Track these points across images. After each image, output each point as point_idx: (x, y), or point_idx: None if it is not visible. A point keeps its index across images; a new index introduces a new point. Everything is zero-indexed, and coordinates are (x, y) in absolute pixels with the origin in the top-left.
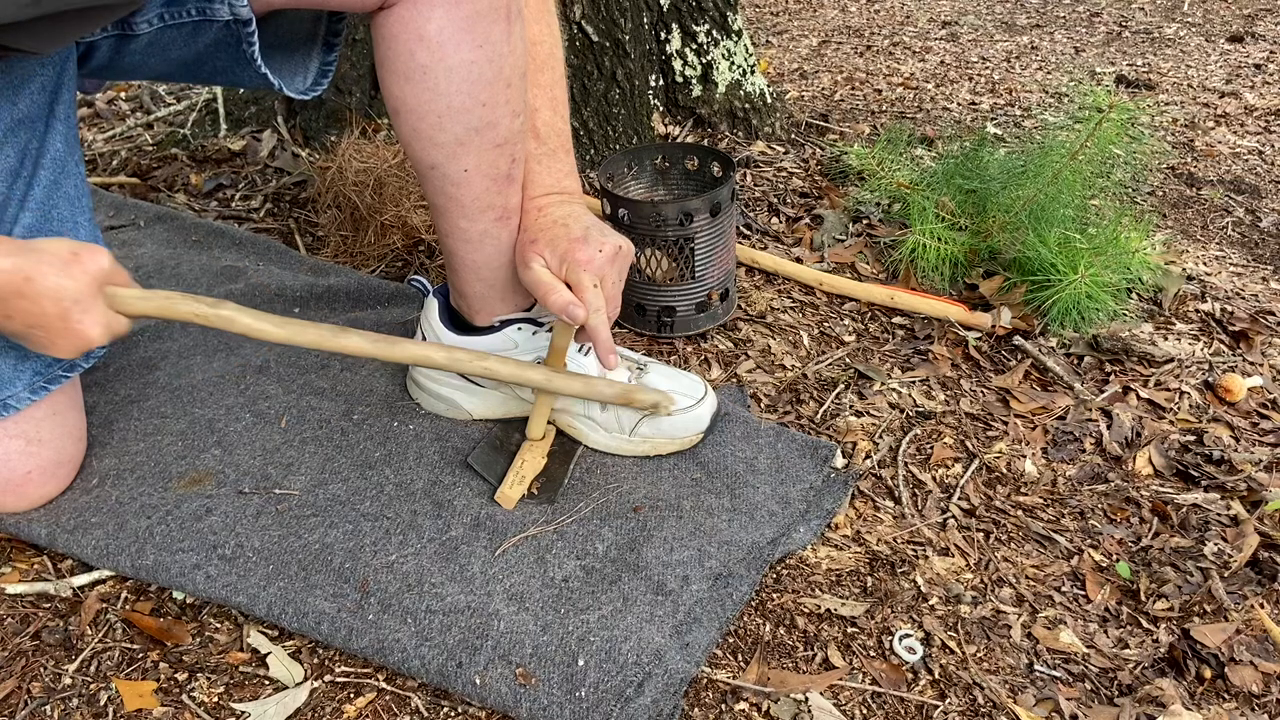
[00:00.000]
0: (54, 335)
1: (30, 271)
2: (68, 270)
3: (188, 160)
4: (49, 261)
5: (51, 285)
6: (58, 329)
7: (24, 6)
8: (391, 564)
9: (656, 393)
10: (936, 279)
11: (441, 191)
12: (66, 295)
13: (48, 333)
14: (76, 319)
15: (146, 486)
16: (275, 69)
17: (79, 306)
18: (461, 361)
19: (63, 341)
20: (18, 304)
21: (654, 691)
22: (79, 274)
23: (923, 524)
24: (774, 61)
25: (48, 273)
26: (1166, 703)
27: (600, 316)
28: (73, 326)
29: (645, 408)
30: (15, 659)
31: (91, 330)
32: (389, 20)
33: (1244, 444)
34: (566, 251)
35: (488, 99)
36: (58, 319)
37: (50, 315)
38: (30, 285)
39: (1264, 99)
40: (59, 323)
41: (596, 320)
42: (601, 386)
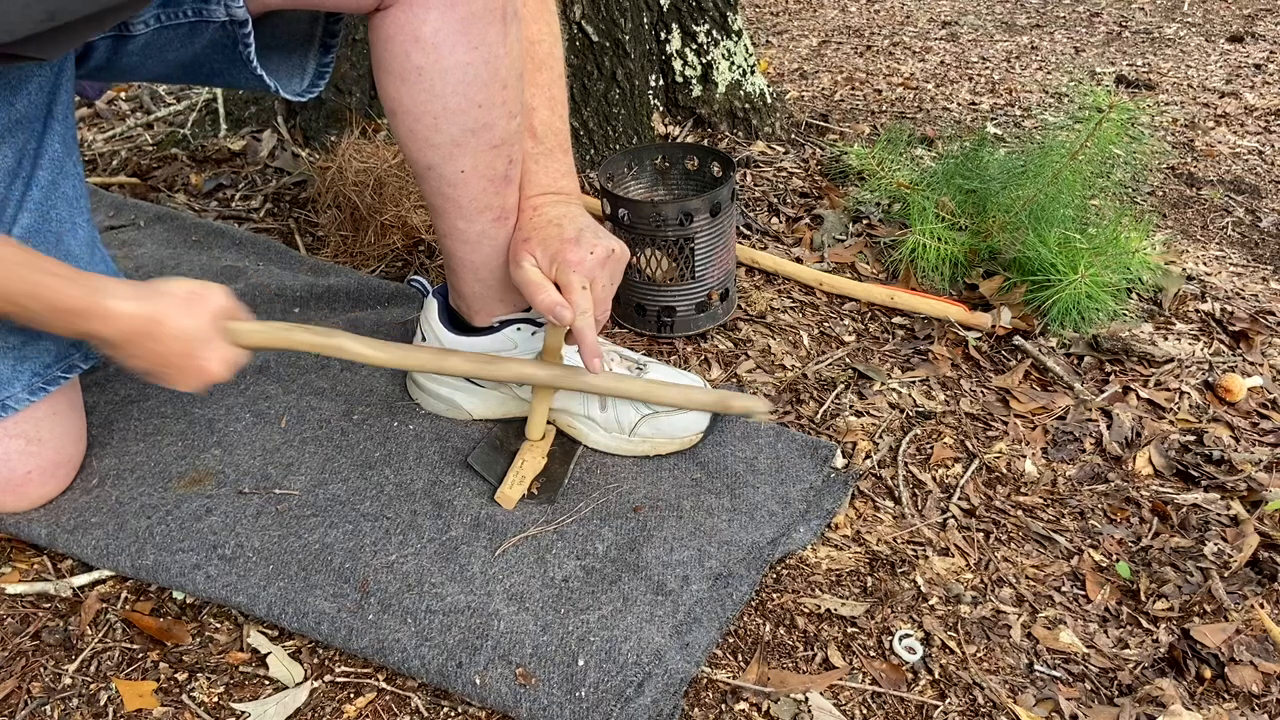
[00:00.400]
0: (179, 372)
1: (157, 315)
2: (191, 310)
3: (188, 160)
4: (173, 304)
5: (177, 327)
6: (183, 367)
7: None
8: (391, 564)
9: (751, 399)
10: (936, 279)
11: (439, 192)
12: (190, 335)
13: (173, 369)
14: (200, 356)
15: (146, 486)
16: (272, 70)
17: (203, 345)
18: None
19: (187, 377)
20: (147, 346)
21: (654, 691)
22: (201, 313)
23: (923, 524)
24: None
25: (172, 315)
26: (1166, 703)
27: (587, 319)
28: (197, 364)
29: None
30: (15, 659)
31: (214, 366)
32: (385, 22)
33: (1244, 444)
34: (558, 252)
35: (484, 100)
36: (184, 358)
37: (176, 354)
38: (159, 328)
39: (1264, 99)
40: (185, 361)
41: (583, 322)
42: (697, 395)
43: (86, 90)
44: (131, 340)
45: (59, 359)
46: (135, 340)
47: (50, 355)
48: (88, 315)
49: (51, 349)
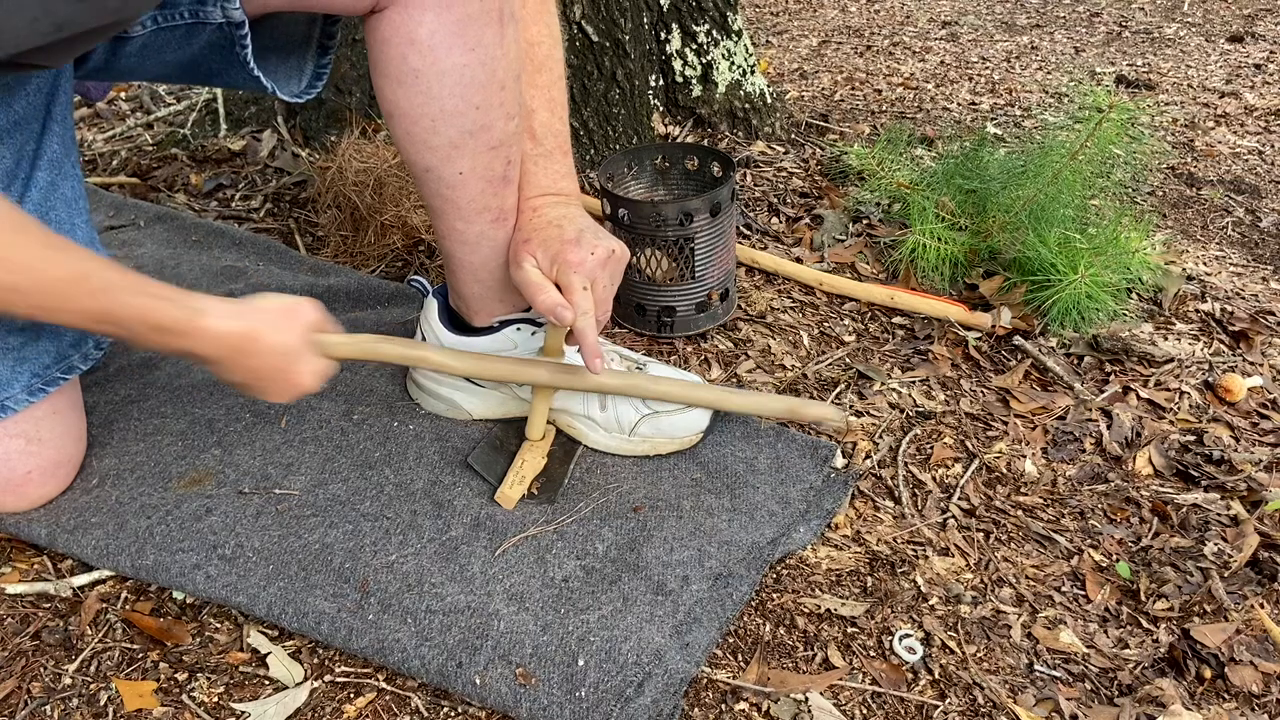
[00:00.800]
0: (273, 385)
1: (253, 331)
2: (284, 325)
3: (188, 160)
4: (267, 319)
5: (272, 342)
6: (277, 380)
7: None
8: (391, 564)
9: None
10: (936, 279)
11: (437, 194)
12: (286, 349)
13: (268, 382)
14: (293, 369)
15: (146, 486)
16: (269, 72)
17: (296, 358)
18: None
19: (281, 390)
20: (243, 361)
21: (654, 691)
22: (294, 327)
23: (923, 524)
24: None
25: (267, 330)
26: (1166, 703)
27: (588, 320)
28: (290, 377)
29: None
30: (15, 659)
31: (306, 379)
32: (381, 24)
33: (1244, 444)
34: (558, 253)
35: (481, 102)
36: (278, 371)
37: (271, 369)
38: (255, 343)
39: (1264, 99)
40: (279, 374)
41: (584, 323)
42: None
43: (90, 91)
44: (229, 356)
45: (58, 360)
46: (232, 356)
47: (49, 356)
48: (189, 335)
49: (50, 350)
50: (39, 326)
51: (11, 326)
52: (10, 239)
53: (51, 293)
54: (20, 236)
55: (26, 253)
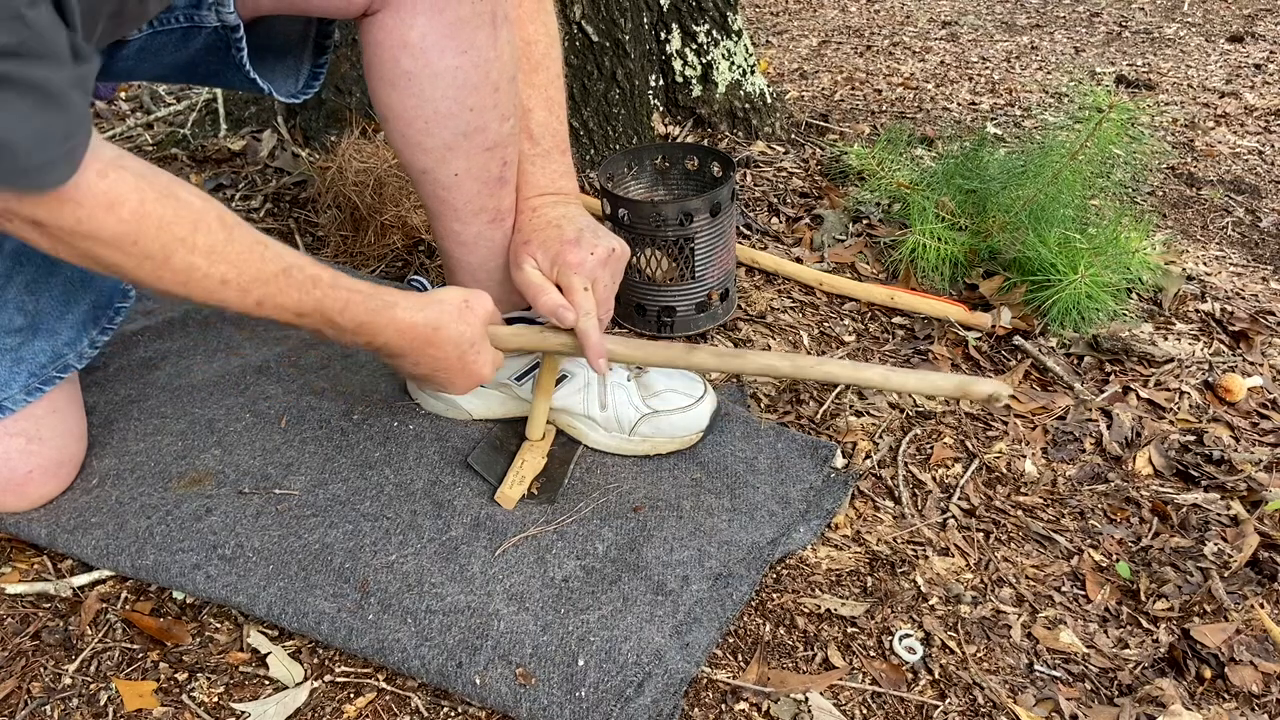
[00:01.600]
0: (454, 375)
1: (437, 322)
2: (464, 317)
3: (188, 160)
4: (449, 312)
5: (454, 333)
6: (457, 369)
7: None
8: (391, 564)
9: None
10: (936, 279)
11: (433, 195)
12: (465, 340)
13: (448, 373)
14: (472, 360)
15: (146, 486)
16: (266, 73)
17: (474, 349)
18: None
19: (461, 380)
20: (427, 352)
21: (654, 691)
22: (472, 319)
23: (923, 524)
24: (774, 61)
25: (449, 322)
26: (1166, 703)
27: (590, 320)
28: (469, 367)
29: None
30: (15, 659)
31: (485, 369)
32: (373, 27)
33: (1244, 444)
34: (558, 253)
35: (475, 104)
36: (458, 361)
37: (452, 359)
38: (438, 334)
39: (1264, 99)
40: (458, 364)
41: (586, 323)
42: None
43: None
44: (415, 348)
45: (54, 359)
46: (418, 347)
47: (45, 356)
48: (384, 327)
49: (46, 350)
50: (34, 326)
51: (8, 327)
52: (224, 235)
53: (263, 285)
54: (232, 232)
55: (239, 247)
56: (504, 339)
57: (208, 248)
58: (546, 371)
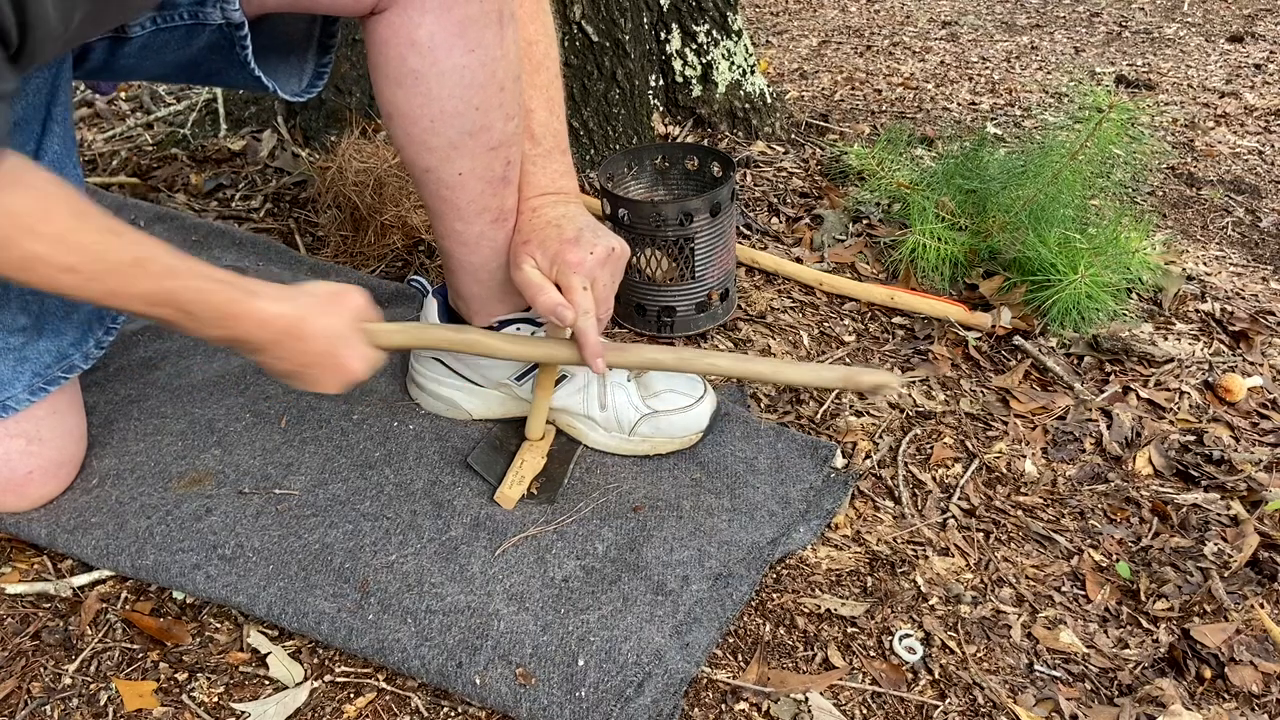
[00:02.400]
0: (321, 372)
1: (301, 314)
2: (331, 310)
3: (188, 160)
4: (315, 304)
5: (320, 326)
6: (325, 366)
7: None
8: (391, 564)
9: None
10: (936, 279)
11: (436, 195)
12: (333, 334)
13: (316, 370)
14: (342, 355)
15: (146, 486)
16: (270, 71)
17: (344, 344)
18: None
19: (329, 377)
20: (292, 346)
21: (654, 691)
22: (341, 313)
23: (923, 524)
24: (774, 61)
25: (316, 315)
26: (1166, 703)
27: (589, 319)
28: (339, 363)
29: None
30: (15, 659)
31: (354, 365)
32: (380, 25)
33: (1244, 444)
34: (557, 253)
35: (481, 103)
36: (326, 356)
37: (319, 354)
38: (302, 327)
39: (1264, 99)
40: (327, 360)
41: (585, 323)
42: (824, 372)
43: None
44: (278, 341)
45: (59, 359)
46: (281, 341)
47: (50, 356)
48: (243, 318)
49: (51, 349)
50: (39, 326)
51: (12, 326)
52: (72, 223)
53: (112, 275)
54: (82, 221)
55: (87, 235)
56: (381, 336)
57: (54, 237)
58: (546, 371)
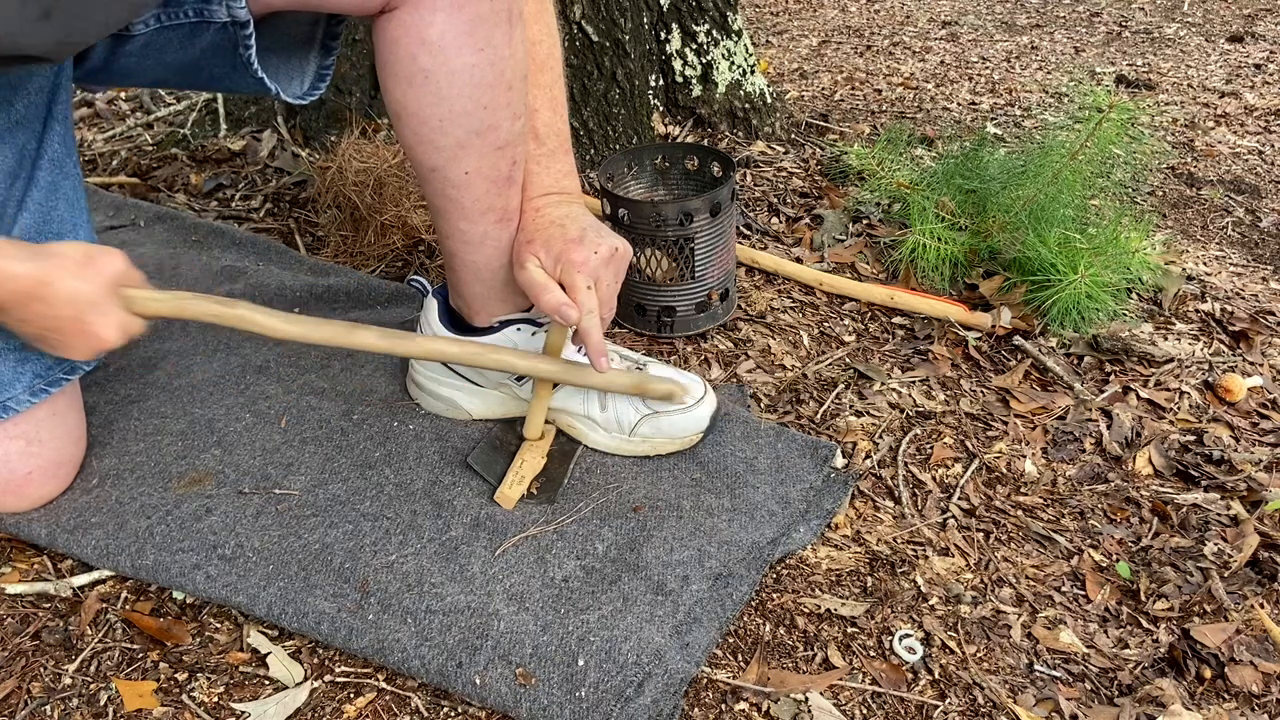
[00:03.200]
0: (69, 338)
1: (46, 276)
2: (82, 273)
3: (188, 160)
4: (64, 265)
5: (68, 289)
6: (73, 331)
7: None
8: (391, 564)
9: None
10: (936, 279)
11: (442, 194)
12: (82, 298)
13: (63, 335)
14: (92, 321)
15: (146, 486)
16: (272, 73)
17: (94, 309)
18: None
19: (78, 343)
20: (35, 308)
21: (654, 691)
22: (93, 277)
23: (923, 524)
24: (774, 61)
25: (63, 277)
26: (1166, 703)
27: (593, 319)
28: (88, 329)
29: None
30: (15, 659)
31: (106, 332)
32: (390, 24)
33: (1244, 444)
34: (561, 252)
35: (489, 102)
36: (74, 322)
37: (66, 318)
38: (47, 289)
39: (1264, 99)
40: (75, 325)
41: (589, 322)
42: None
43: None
44: (19, 303)
45: (60, 360)
46: (22, 303)
47: (51, 357)
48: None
49: None
50: None
51: None
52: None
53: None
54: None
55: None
56: (140, 302)
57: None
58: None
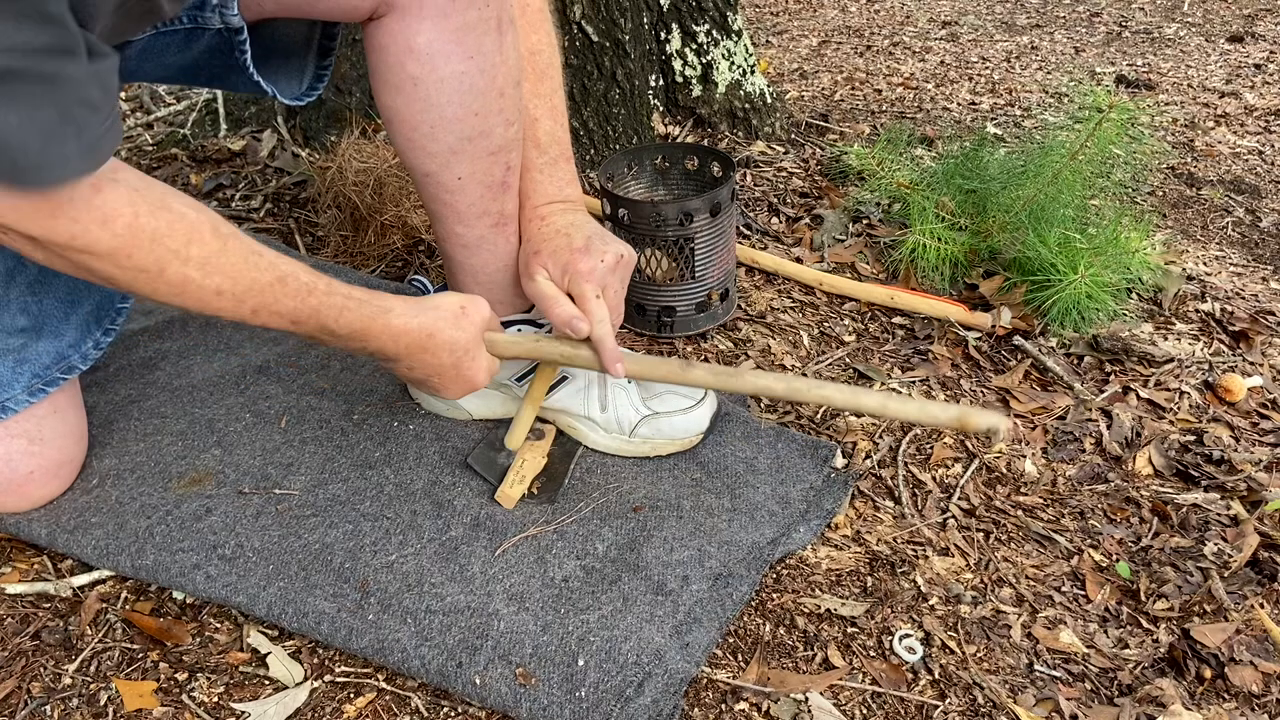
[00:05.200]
0: (448, 381)
1: (432, 328)
2: (459, 323)
3: (188, 160)
4: (445, 317)
5: (448, 339)
6: (451, 376)
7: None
8: (391, 564)
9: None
10: (936, 279)
11: (437, 199)
12: (460, 347)
13: (443, 379)
14: (467, 366)
15: (146, 486)
16: (269, 75)
17: (469, 355)
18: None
19: (455, 386)
20: (421, 357)
21: (654, 691)
22: (468, 325)
23: (923, 524)
24: (774, 61)
25: (445, 328)
26: (1166, 703)
27: (605, 327)
28: (463, 374)
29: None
30: (15, 659)
31: (479, 375)
32: (379, 31)
33: (1244, 444)
34: (568, 262)
35: (480, 109)
36: (452, 368)
37: (446, 365)
38: (432, 340)
39: (1264, 99)
40: (453, 371)
41: (601, 331)
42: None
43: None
44: (410, 352)
45: (57, 360)
46: (412, 353)
47: (49, 357)
48: (380, 334)
49: (50, 350)
50: (38, 328)
51: (11, 328)
52: (218, 245)
53: (258, 295)
54: (227, 243)
55: (233, 258)
56: (501, 346)
57: (201, 259)
58: (540, 381)
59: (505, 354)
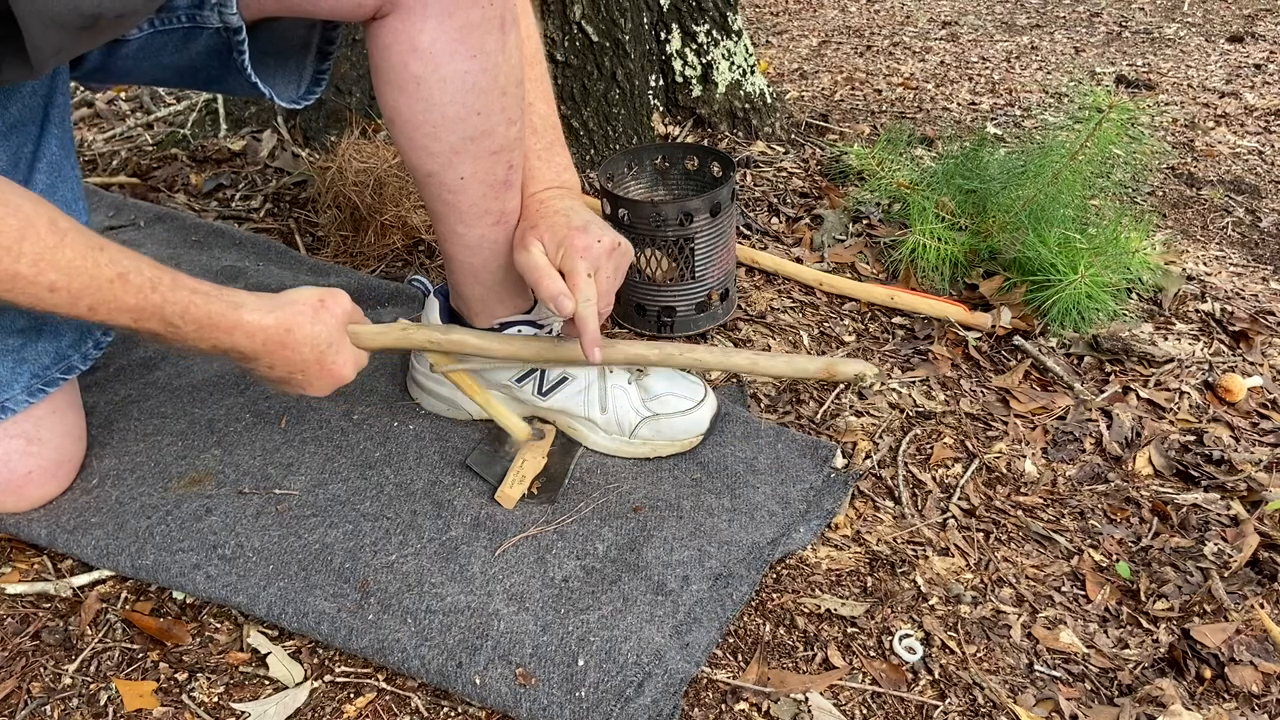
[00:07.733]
0: (311, 378)
1: (289, 323)
2: (318, 317)
3: (188, 160)
4: (303, 311)
5: (308, 334)
6: (315, 372)
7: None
8: (391, 564)
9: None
10: (936, 279)
11: (438, 198)
12: (321, 341)
13: (306, 376)
14: (331, 361)
15: (146, 486)
16: (267, 77)
17: (332, 349)
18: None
19: (319, 382)
20: (281, 354)
21: (654, 691)
22: (327, 318)
23: (923, 524)
24: (774, 61)
25: (304, 323)
26: (1166, 703)
27: (590, 307)
28: (327, 369)
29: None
30: (15, 659)
31: (343, 370)
32: (382, 31)
33: (1244, 444)
34: (565, 237)
35: (483, 108)
36: (315, 364)
37: (309, 361)
38: (291, 336)
39: (1264, 99)
40: (316, 366)
41: (585, 310)
42: (804, 363)
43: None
44: (268, 350)
45: (57, 360)
46: (270, 350)
47: (48, 357)
48: (231, 330)
49: (49, 350)
50: (38, 327)
51: (10, 328)
52: (54, 240)
53: (96, 292)
54: (64, 237)
55: (70, 253)
56: (366, 338)
57: (35, 255)
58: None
59: (370, 346)
